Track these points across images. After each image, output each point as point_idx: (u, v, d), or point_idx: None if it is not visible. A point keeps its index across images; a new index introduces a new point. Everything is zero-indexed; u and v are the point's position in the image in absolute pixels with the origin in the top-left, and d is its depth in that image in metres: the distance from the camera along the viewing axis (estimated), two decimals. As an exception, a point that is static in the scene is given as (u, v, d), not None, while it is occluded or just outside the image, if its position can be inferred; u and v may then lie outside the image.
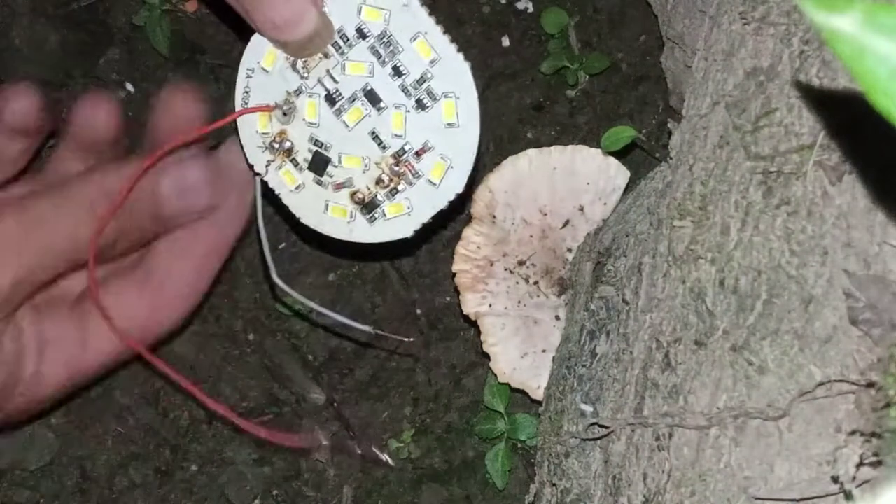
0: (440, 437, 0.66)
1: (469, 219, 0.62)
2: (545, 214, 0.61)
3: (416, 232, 0.53)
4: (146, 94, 0.72)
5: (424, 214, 0.52)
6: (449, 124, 0.51)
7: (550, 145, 0.61)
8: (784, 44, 0.45)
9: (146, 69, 0.72)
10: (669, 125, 0.56)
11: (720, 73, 0.49)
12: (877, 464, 0.37)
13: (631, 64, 0.70)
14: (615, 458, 0.49)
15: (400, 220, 0.53)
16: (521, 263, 0.61)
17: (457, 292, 0.62)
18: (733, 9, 0.49)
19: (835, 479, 0.38)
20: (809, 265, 0.41)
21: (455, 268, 0.62)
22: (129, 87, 0.72)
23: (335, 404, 0.67)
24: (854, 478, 0.37)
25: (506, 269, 0.61)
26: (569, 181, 0.61)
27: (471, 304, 0.62)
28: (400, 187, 0.52)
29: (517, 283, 0.62)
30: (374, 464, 0.65)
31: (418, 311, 0.69)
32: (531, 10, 0.71)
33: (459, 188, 0.52)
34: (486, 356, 0.62)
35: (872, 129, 0.39)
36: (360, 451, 0.63)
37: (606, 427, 0.49)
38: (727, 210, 0.45)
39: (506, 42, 0.71)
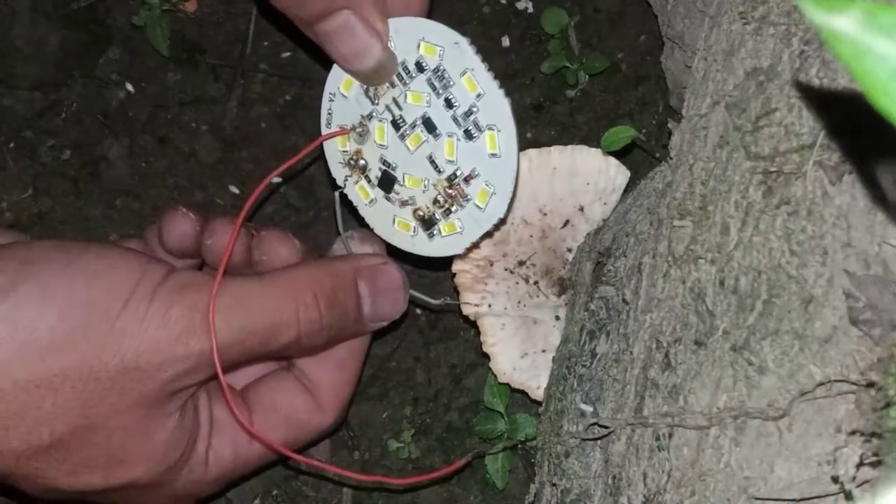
0: (440, 437, 0.66)
1: (469, 219, 0.62)
2: (545, 214, 0.61)
3: (467, 249, 0.58)
4: (146, 94, 0.72)
5: (473, 234, 0.57)
6: (492, 154, 0.54)
7: (550, 145, 0.61)
8: (784, 44, 0.45)
9: (146, 69, 0.72)
10: (669, 125, 0.56)
11: (720, 73, 0.49)
12: (877, 464, 0.37)
13: (631, 64, 0.70)
14: (615, 458, 0.49)
15: (453, 237, 0.57)
16: (521, 263, 0.61)
17: (456, 292, 0.62)
18: (733, 9, 0.49)
19: (835, 479, 0.38)
20: (809, 265, 0.41)
21: (455, 268, 0.62)
22: (129, 87, 0.72)
23: (335, 404, 0.67)
24: (854, 478, 0.37)
25: (506, 269, 0.61)
26: (569, 181, 0.61)
27: (471, 304, 0.62)
28: (453, 209, 0.57)
29: (517, 283, 0.61)
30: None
31: (418, 312, 0.69)
32: (531, 10, 0.71)
33: (501, 213, 0.55)
34: (486, 356, 0.62)
35: (872, 129, 0.39)
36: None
37: (606, 427, 0.49)
38: (727, 210, 0.45)
39: (506, 42, 0.71)
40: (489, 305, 0.61)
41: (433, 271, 0.68)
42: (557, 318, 0.61)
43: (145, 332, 0.48)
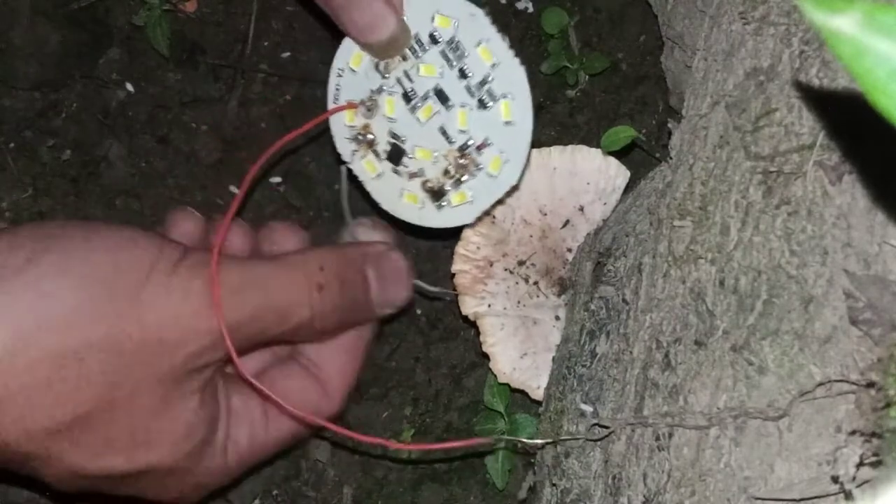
0: (440, 437, 0.66)
1: (469, 219, 0.62)
2: (545, 214, 0.61)
3: (477, 218, 0.58)
4: (146, 93, 0.72)
5: (485, 203, 0.57)
6: (507, 122, 0.55)
7: (550, 145, 0.61)
8: (784, 44, 0.45)
9: (146, 69, 0.72)
10: (669, 125, 0.56)
11: (720, 73, 0.49)
12: (877, 464, 0.37)
13: (631, 64, 0.70)
14: (615, 458, 0.49)
15: (463, 207, 0.58)
16: (521, 263, 0.61)
17: (456, 293, 0.62)
18: (733, 9, 0.49)
19: (835, 479, 0.38)
20: (809, 265, 0.41)
21: (454, 268, 0.62)
22: (129, 87, 0.72)
23: (335, 404, 0.67)
24: (854, 478, 0.37)
25: (505, 270, 0.61)
26: (569, 181, 0.61)
27: (470, 305, 0.62)
28: (464, 178, 0.57)
29: (517, 283, 0.61)
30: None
31: (418, 311, 0.69)
32: (531, 10, 0.71)
33: (514, 180, 0.56)
34: (486, 356, 0.62)
35: (872, 129, 0.39)
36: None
37: (606, 427, 0.49)
38: (727, 210, 0.45)
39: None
40: (489, 305, 0.61)
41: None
42: (557, 318, 0.61)
43: (168, 305, 0.47)
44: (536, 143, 0.67)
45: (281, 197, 0.71)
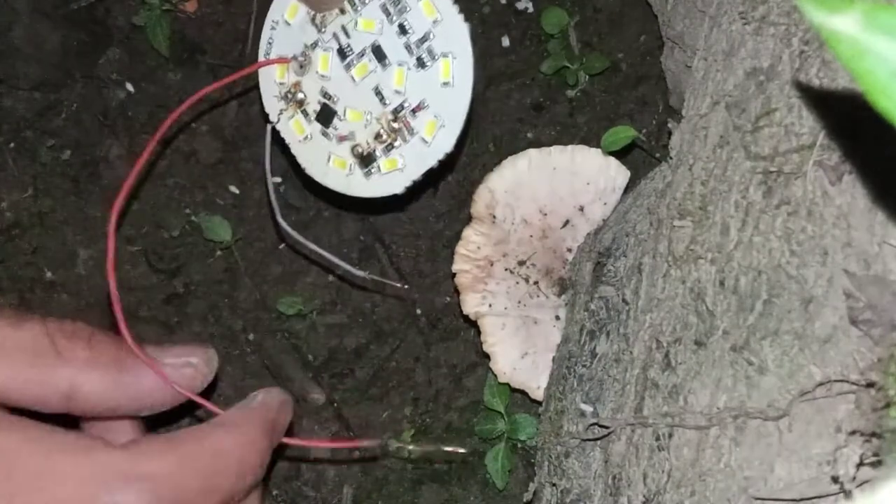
0: (440, 437, 0.66)
1: (469, 219, 0.62)
2: (545, 214, 0.61)
3: (407, 188, 0.54)
4: (146, 93, 0.72)
5: (416, 172, 0.54)
6: (444, 83, 0.52)
7: (550, 145, 0.61)
8: (784, 44, 0.45)
9: (146, 69, 0.72)
10: (669, 125, 0.56)
11: (720, 73, 0.49)
12: (877, 464, 0.37)
13: (631, 64, 0.70)
14: (615, 458, 0.49)
15: (393, 175, 0.54)
16: (522, 263, 0.61)
17: (457, 292, 0.62)
18: (733, 9, 0.49)
19: (835, 479, 0.38)
20: (809, 265, 0.41)
21: (455, 268, 0.62)
22: (129, 87, 0.72)
23: (335, 404, 0.67)
24: (854, 478, 0.37)
25: (506, 269, 0.61)
26: (569, 181, 0.61)
27: (471, 304, 0.62)
28: (396, 143, 0.54)
29: (517, 283, 0.61)
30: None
31: (418, 311, 0.69)
32: (531, 10, 0.71)
33: (449, 147, 0.53)
34: (486, 356, 0.62)
35: (872, 129, 0.39)
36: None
37: (606, 427, 0.49)
38: (727, 210, 0.45)
39: (506, 42, 0.71)
40: (490, 305, 0.61)
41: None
42: (557, 318, 0.61)
43: None
44: (536, 143, 0.67)
45: (281, 197, 0.71)
